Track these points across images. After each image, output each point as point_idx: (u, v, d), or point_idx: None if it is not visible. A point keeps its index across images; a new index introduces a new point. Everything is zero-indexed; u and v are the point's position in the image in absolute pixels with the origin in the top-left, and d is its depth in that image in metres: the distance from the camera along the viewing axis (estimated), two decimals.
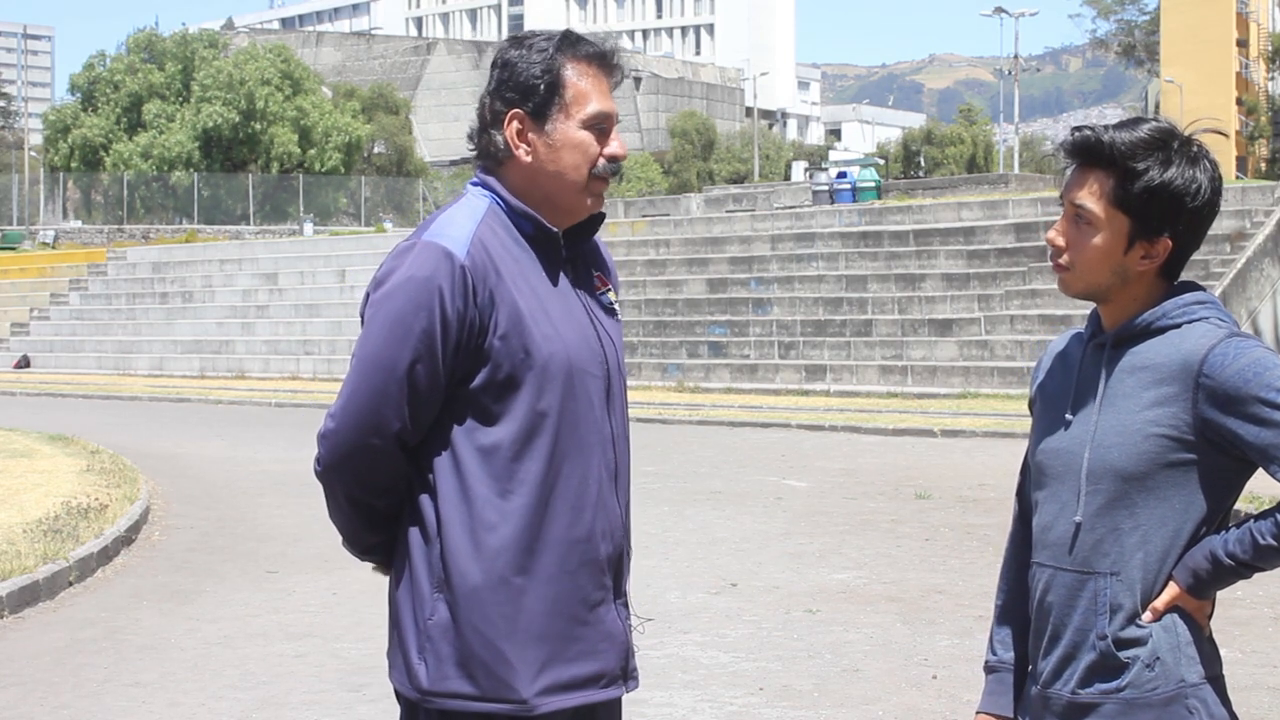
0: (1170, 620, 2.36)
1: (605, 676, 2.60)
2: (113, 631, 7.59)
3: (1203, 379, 2.30)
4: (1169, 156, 2.34)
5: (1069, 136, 2.43)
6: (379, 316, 2.51)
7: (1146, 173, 2.33)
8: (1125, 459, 2.35)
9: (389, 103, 73.58)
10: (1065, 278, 2.44)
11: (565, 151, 2.57)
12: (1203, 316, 2.37)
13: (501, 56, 2.62)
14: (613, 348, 2.67)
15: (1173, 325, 2.37)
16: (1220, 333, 2.33)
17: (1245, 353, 2.29)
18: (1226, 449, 2.32)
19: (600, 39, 2.68)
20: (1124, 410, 2.37)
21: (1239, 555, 2.31)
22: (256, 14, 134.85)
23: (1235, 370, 2.27)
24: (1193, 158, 2.36)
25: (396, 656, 2.58)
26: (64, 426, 18.85)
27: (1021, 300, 24.95)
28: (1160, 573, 2.36)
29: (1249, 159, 66.22)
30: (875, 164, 43.72)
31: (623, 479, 2.68)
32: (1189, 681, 2.34)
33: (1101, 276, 2.40)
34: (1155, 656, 2.34)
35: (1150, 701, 2.33)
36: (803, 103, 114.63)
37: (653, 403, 23.10)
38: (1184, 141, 2.37)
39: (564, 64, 2.57)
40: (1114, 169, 2.35)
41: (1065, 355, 2.55)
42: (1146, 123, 2.38)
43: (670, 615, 7.77)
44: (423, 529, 2.55)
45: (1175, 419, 2.32)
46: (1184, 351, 2.33)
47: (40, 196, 60.19)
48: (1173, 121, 2.42)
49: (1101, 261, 2.38)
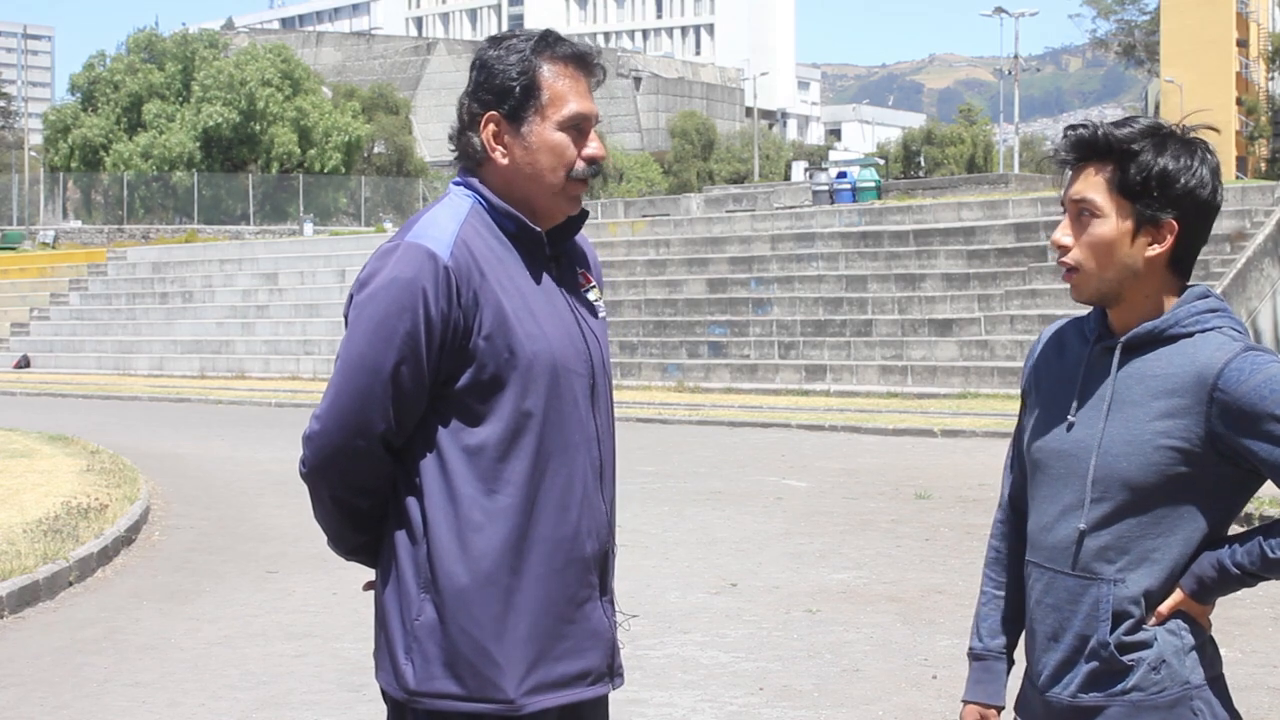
0: (1175, 624, 2.36)
1: (592, 674, 2.60)
2: (113, 631, 7.59)
3: (1217, 394, 2.29)
4: (1163, 142, 2.37)
5: (1064, 136, 2.44)
6: (363, 318, 2.51)
7: (1142, 154, 2.35)
8: (1133, 469, 2.34)
9: (389, 103, 73.59)
10: (1075, 280, 2.41)
11: (541, 154, 2.56)
12: (1216, 326, 2.36)
13: (480, 57, 2.61)
14: (597, 345, 2.67)
15: (1185, 334, 2.36)
16: (1236, 346, 2.32)
17: (1261, 369, 2.28)
18: (1237, 462, 2.32)
19: (580, 40, 2.67)
20: (1133, 419, 2.35)
21: (1246, 567, 2.32)
22: (256, 14, 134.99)
23: (1251, 387, 2.26)
24: (1187, 144, 2.38)
25: (383, 657, 2.59)
26: (64, 426, 18.86)
27: (1021, 300, 24.95)
28: (1166, 581, 2.36)
29: (1249, 159, 66.19)
30: (875, 164, 43.69)
31: (608, 477, 2.68)
32: (1193, 683, 2.35)
33: (1111, 270, 2.37)
34: (1161, 659, 2.34)
35: (1156, 704, 2.34)
36: (803, 103, 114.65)
37: (653, 403, 23.10)
38: (1177, 131, 2.40)
39: (540, 65, 2.56)
40: (1111, 158, 2.37)
41: (1064, 347, 2.53)
42: (1140, 118, 2.42)
43: (670, 615, 7.77)
44: (409, 530, 2.55)
45: (1186, 431, 2.31)
46: (1198, 364, 2.31)
47: (40, 196, 60.21)
48: (1164, 119, 2.45)
49: (1109, 252, 2.37)
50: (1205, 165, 2.37)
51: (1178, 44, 63.43)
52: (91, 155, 60.12)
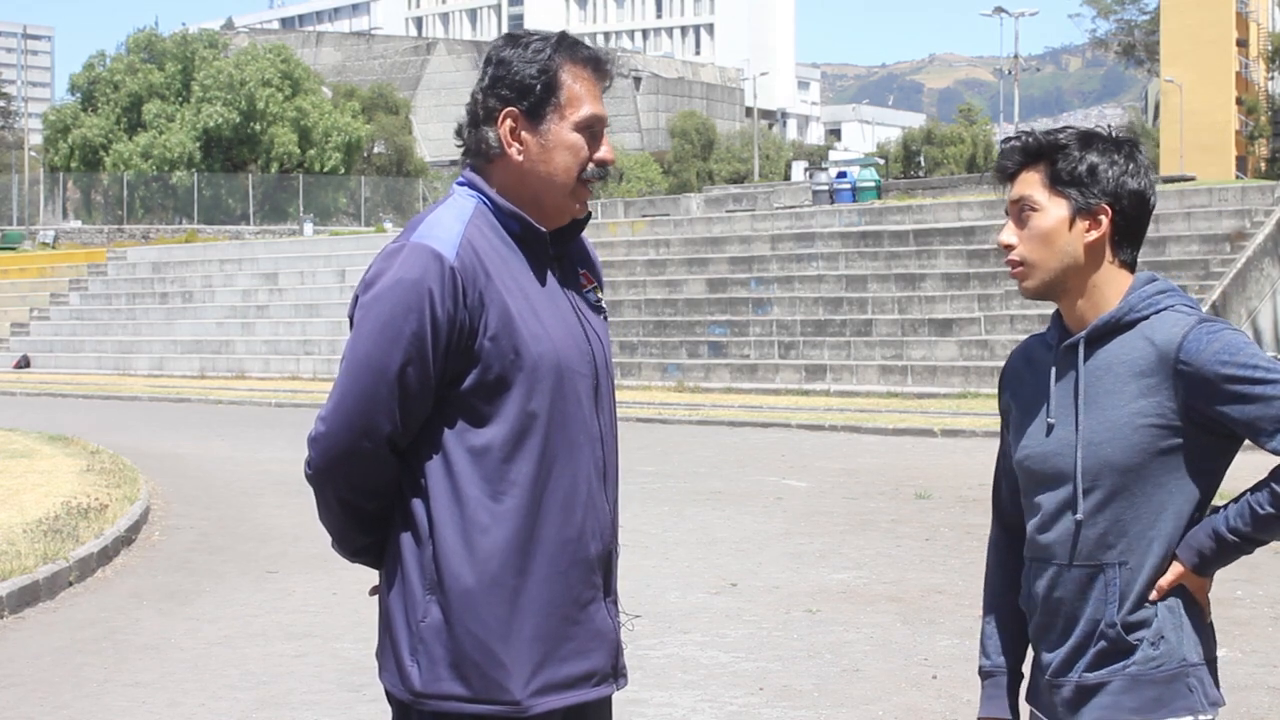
0: (1174, 601, 2.45)
1: (596, 675, 2.60)
2: (113, 632, 7.59)
3: (1181, 365, 2.40)
4: (1090, 141, 2.52)
5: (1000, 148, 2.62)
6: (369, 319, 2.50)
7: (1071, 151, 2.50)
8: (1119, 453, 2.43)
9: (389, 103, 73.58)
10: (1021, 273, 2.55)
11: (558, 152, 2.58)
12: (1169, 305, 2.48)
13: (497, 54, 2.61)
14: (600, 346, 2.67)
15: (1141, 318, 2.48)
16: (1190, 319, 2.43)
17: (1217, 336, 2.39)
18: (1213, 429, 2.41)
19: (596, 45, 2.69)
20: (1109, 406, 2.45)
21: (1241, 529, 2.40)
22: (256, 14, 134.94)
23: (1211, 354, 2.37)
24: (1115, 141, 2.53)
25: (388, 658, 2.58)
26: (64, 426, 18.86)
27: (1021, 300, 24.91)
28: (1165, 555, 2.44)
29: (1249, 159, 66.15)
30: (875, 164, 43.71)
31: (611, 478, 2.68)
32: (1190, 661, 2.44)
33: (1053, 259, 2.50)
34: (1160, 635, 2.43)
35: (1154, 678, 2.42)
36: (803, 103, 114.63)
37: (653, 403, 23.10)
38: (1103, 133, 2.55)
39: (561, 65, 2.57)
40: (1044, 159, 2.52)
41: (1031, 360, 2.65)
42: (1070, 127, 2.59)
43: (670, 615, 7.77)
44: (414, 531, 2.54)
45: (1161, 407, 2.41)
46: (1158, 342, 2.43)
47: (40, 196, 60.22)
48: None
49: (1050, 241, 2.50)
50: (1131, 160, 2.51)
51: (1178, 44, 63.38)
52: (91, 155, 60.10)
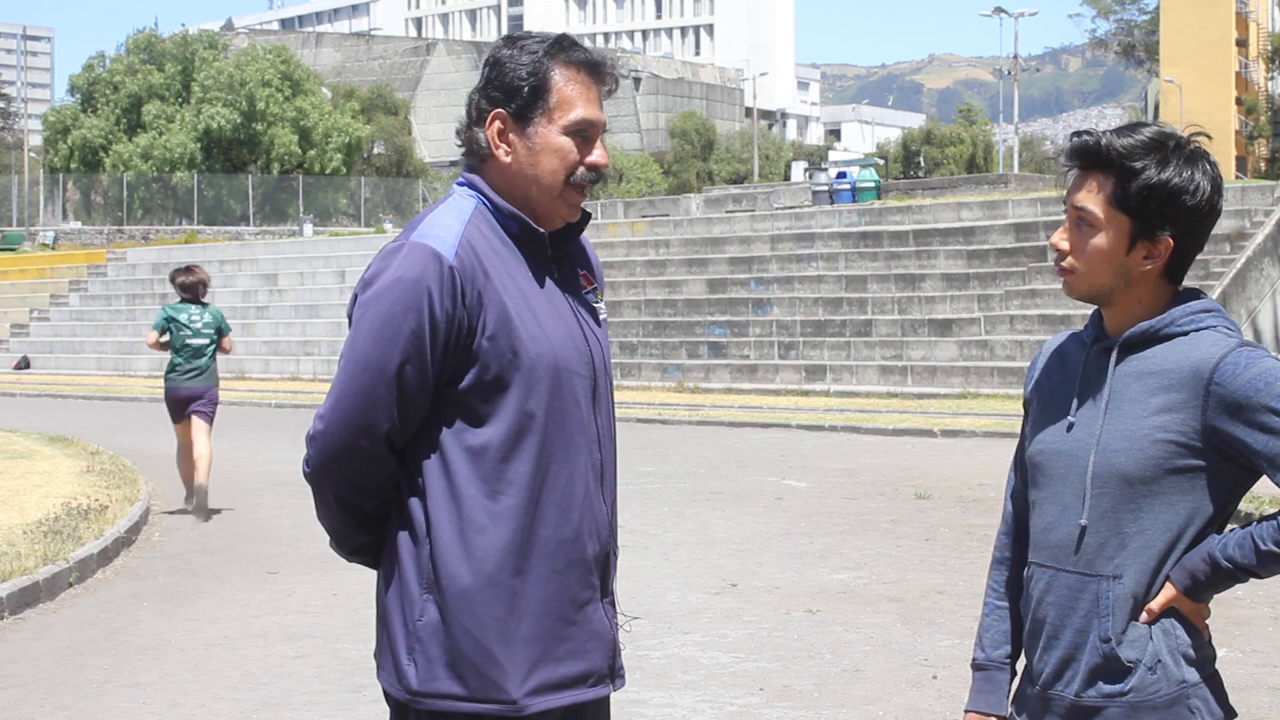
0: (1169, 624, 2.38)
1: (593, 675, 2.60)
2: (113, 632, 7.59)
3: (1213, 387, 2.32)
4: (1166, 157, 2.38)
5: (1068, 142, 2.46)
6: (368, 317, 2.51)
7: (1144, 171, 2.36)
8: (1131, 463, 2.37)
9: (388, 103, 73.60)
10: (1069, 280, 2.47)
11: (544, 155, 2.57)
12: (1210, 325, 2.41)
13: (494, 55, 2.62)
14: (599, 347, 2.67)
15: (1180, 333, 2.40)
16: (1231, 342, 2.36)
17: (1256, 362, 2.32)
18: (1233, 456, 2.35)
19: (595, 48, 2.67)
20: (1130, 415, 2.39)
21: (1238, 559, 2.33)
22: (256, 15, 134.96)
23: (1246, 379, 2.30)
24: (1189, 157, 2.39)
25: (385, 657, 2.59)
26: (64, 427, 18.86)
27: (1021, 300, 24.95)
28: (1161, 575, 2.38)
29: (1249, 159, 66.19)
30: (875, 164, 43.67)
31: (608, 478, 2.68)
32: (1189, 681, 2.37)
33: (1104, 278, 2.42)
34: (1157, 659, 2.37)
35: (1154, 704, 2.36)
36: (802, 103, 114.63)
37: (653, 403, 23.10)
38: (1181, 143, 2.40)
39: (552, 67, 2.57)
40: (1112, 170, 2.38)
41: (1064, 356, 2.57)
42: (1145, 126, 2.42)
43: (670, 615, 7.77)
44: (411, 530, 2.55)
45: (1183, 425, 2.35)
46: (1194, 359, 2.35)
47: (40, 197, 60.25)
48: (1170, 126, 2.45)
49: (1104, 262, 2.41)
50: (1207, 179, 2.38)
51: (1177, 44, 63.41)
52: (91, 156, 60.13)
